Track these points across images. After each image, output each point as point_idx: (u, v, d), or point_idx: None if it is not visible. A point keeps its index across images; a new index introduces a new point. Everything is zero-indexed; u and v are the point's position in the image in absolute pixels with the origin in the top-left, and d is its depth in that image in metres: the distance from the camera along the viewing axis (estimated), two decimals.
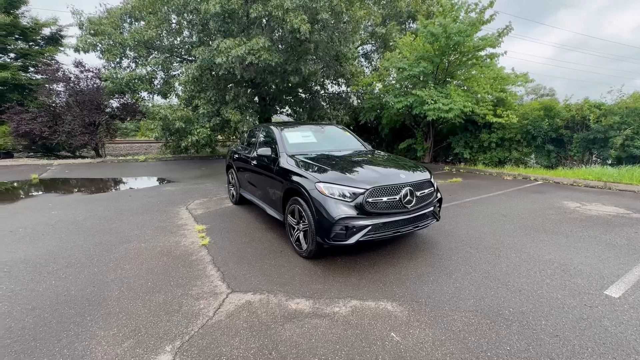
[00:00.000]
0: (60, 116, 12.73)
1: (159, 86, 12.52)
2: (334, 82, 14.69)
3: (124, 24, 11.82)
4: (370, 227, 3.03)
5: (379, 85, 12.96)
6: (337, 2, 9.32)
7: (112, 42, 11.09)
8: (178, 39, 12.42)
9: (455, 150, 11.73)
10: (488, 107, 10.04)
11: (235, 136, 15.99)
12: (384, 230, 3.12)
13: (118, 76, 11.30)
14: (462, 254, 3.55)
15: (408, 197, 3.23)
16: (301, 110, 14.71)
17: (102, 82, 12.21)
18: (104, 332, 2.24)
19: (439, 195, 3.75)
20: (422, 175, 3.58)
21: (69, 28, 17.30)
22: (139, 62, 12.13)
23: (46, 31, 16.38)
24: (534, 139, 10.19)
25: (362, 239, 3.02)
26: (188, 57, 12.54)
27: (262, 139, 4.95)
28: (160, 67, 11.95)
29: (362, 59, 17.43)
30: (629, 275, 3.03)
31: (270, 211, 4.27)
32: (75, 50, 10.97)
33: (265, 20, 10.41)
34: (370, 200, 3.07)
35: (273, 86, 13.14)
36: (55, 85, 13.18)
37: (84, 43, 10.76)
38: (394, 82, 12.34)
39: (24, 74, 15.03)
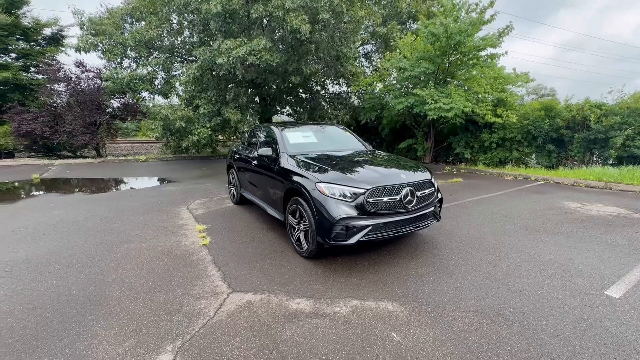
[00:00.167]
0: (61, 116, 12.75)
1: (159, 86, 12.53)
2: (335, 82, 14.68)
3: (125, 24, 11.84)
4: (370, 227, 3.03)
5: (380, 85, 12.96)
6: (338, 2, 9.31)
7: (113, 42, 11.11)
8: (179, 39, 12.43)
9: (455, 150, 11.72)
10: (488, 107, 10.04)
11: (235, 136, 16.03)
12: (384, 230, 3.13)
13: (119, 76, 11.32)
14: (462, 254, 3.55)
15: (409, 197, 3.24)
16: (302, 110, 14.70)
17: (103, 82, 12.23)
18: (105, 332, 2.25)
19: (439, 195, 3.75)
20: (422, 176, 3.58)
21: (70, 28, 17.28)
22: (140, 62, 12.15)
23: (47, 31, 16.40)
24: (535, 139, 10.18)
25: (362, 239, 3.03)
26: (189, 57, 12.55)
27: (262, 139, 4.95)
28: (161, 67, 11.97)
29: (363, 59, 17.41)
30: (630, 275, 3.03)
31: (271, 211, 4.27)
32: (76, 50, 11.00)
33: (266, 21, 10.41)
34: (370, 200, 3.08)
35: (274, 86, 13.14)
36: (56, 85, 13.20)
37: (85, 43, 10.78)
38: (394, 83, 12.34)
39: (25, 74, 15.04)
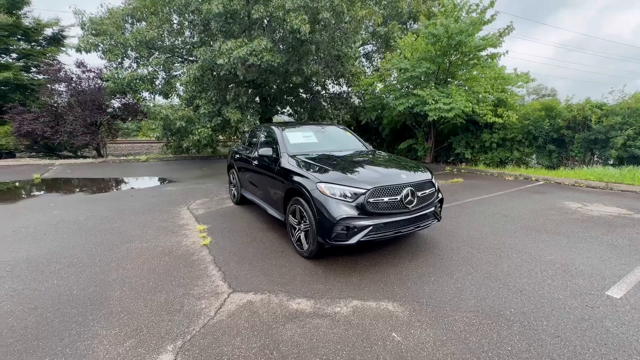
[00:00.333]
0: (62, 116, 12.75)
1: (160, 86, 12.55)
2: (335, 82, 14.67)
3: (126, 25, 11.85)
4: (371, 228, 3.03)
5: (380, 86, 12.97)
6: (339, 2, 9.30)
7: (113, 42, 11.12)
8: (179, 39, 12.43)
9: (456, 150, 11.72)
10: (489, 107, 10.04)
11: (236, 136, 16.01)
12: (385, 230, 3.12)
13: (119, 76, 11.34)
14: (463, 255, 3.55)
15: (409, 198, 3.23)
16: (302, 110, 14.69)
17: (104, 82, 12.25)
18: (106, 332, 2.25)
19: (440, 195, 3.75)
20: (423, 176, 3.58)
21: (70, 28, 17.31)
22: (141, 63, 12.16)
23: (48, 31, 16.41)
24: (535, 139, 10.18)
25: (363, 239, 3.03)
26: (189, 58, 12.56)
27: (263, 139, 4.95)
28: (161, 67, 11.98)
29: (363, 59, 17.40)
30: (631, 275, 3.03)
31: (272, 211, 4.27)
32: (77, 50, 11.01)
33: (266, 21, 10.41)
34: (371, 200, 3.08)
35: (274, 86, 13.13)
36: (57, 86, 13.20)
37: (85, 43, 10.79)
38: (394, 83, 12.34)
39: (26, 74, 15.05)
